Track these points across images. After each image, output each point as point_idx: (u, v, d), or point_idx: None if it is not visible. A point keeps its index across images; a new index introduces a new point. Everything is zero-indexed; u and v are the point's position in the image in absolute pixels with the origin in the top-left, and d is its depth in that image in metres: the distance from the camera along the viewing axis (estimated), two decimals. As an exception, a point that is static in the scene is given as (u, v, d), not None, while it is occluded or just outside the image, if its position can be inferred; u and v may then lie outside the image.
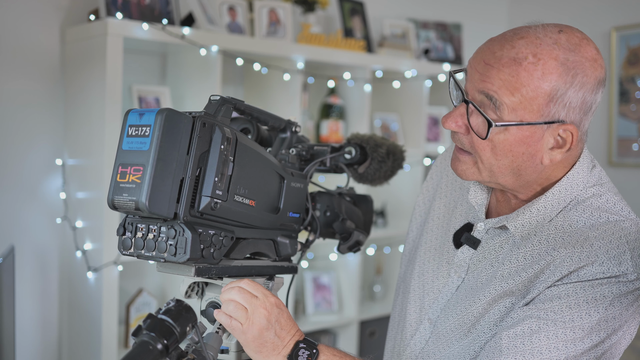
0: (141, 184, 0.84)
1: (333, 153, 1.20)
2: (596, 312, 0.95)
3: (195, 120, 0.89)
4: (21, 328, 2.39)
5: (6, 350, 1.88)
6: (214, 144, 0.90)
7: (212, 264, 0.95)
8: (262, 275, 1.07)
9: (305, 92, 2.86)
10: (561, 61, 0.95)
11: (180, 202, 0.87)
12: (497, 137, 0.98)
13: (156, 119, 0.85)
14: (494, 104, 0.96)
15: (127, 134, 0.88)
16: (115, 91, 2.18)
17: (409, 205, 3.31)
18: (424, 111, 3.20)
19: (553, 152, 1.00)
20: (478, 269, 1.11)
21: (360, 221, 1.25)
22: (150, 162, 0.84)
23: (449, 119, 1.02)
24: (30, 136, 2.43)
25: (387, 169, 1.25)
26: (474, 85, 0.99)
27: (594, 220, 1.01)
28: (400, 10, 3.49)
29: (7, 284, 1.90)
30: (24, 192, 2.43)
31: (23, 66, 2.39)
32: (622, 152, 3.31)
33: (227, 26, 2.58)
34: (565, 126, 0.97)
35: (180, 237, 0.88)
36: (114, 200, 0.87)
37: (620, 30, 3.33)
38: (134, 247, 0.91)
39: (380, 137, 1.26)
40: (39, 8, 2.42)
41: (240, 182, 0.95)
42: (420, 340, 1.16)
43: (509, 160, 1.00)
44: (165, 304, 0.92)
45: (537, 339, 0.95)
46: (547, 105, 0.95)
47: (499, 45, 0.97)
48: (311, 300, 3.02)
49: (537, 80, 0.94)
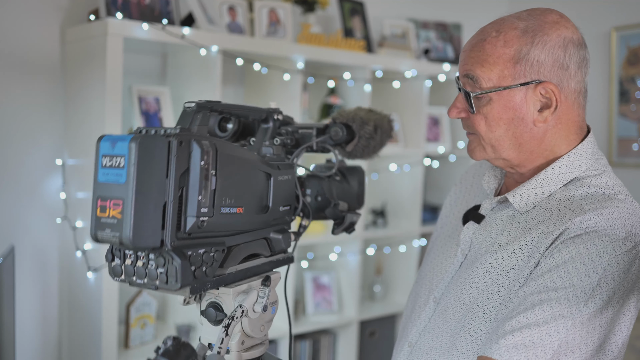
0: (122, 220, 0.80)
1: (319, 136, 1.17)
2: (595, 274, 0.96)
3: (170, 140, 0.84)
4: (21, 328, 2.39)
5: (6, 350, 1.88)
6: (193, 161, 0.86)
7: (206, 281, 0.93)
8: (259, 274, 1.05)
9: (305, 92, 2.86)
10: (521, 28, 1.06)
11: (166, 228, 0.84)
12: (485, 109, 1.08)
13: (130, 149, 0.80)
14: (472, 80, 1.08)
15: (101, 165, 0.83)
16: (115, 91, 2.18)
17: (409, 205, 3.31)
18: (424, 111, 3.20)
19: (543, 114, 1.07)
20: (479, 242, 1.16)
21: (352, 198, 1.23)
22: (129, 196, 0.80)
23: (450, 108, 1.14)
24: (30, 136, 2.43)
25: (375, 144, 1.23)
26: (460, 74, 1.12)
27: (590, 192, 1.06)
28: (400, 10, 3.49)
29: (7, 283, 1.90)
30: (24, 192, 2.43)
31: (23, 66, 2.39)
32: (622, 152, 3.31)
33: (227, 26, 2.58)
34: (543, 85, 1.05)
35: (170, 266, 0.85)
36: (97, 235, 0.83)
37: (620, 30, 3.33)
38: (125, 274, 0.89)
39: (366, 112, 1.23)
40: (39, 8, 2.42)
41: (225, 193, 0.91)
42: (425, 318, 1.20)
43: (503, 130, 1.08)
44: (163, 344, 0.90)
45: (540, 311, 0.96)
46: (514, 67, 1.05)
47: (473, 36, 1.12)
48: (311, 300, 3.02)
49: (500, 49, 1.05)
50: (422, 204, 3.36)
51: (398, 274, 3.38)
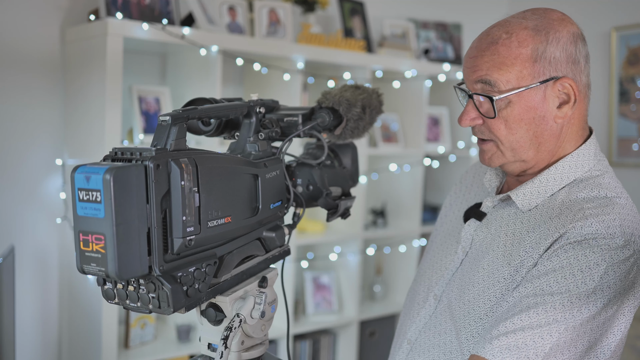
0: (106, 254, 0.78)
1: (305, 122, 1.12)
2: (592, 281, 0.96)
3: (147, 165, 0.81)
4: (21, 328, 2.39)
5: (6, 350, 1.88)
6: (173, 182, 0.83)
7: (200, 296, 0.91)
8: (255, 274, 1.04)
9: (305, 92, 2.86)
10: (531, 28, 1.05)
11: (152, 254, 0.82)
12: (505, 113, 1.07)
13: (104, 184, 0.77)
14: (490, 84, 1.06)
15: (78, 198, 0.79)
16: (115, 91, 2.18)
17: (409, 205, 3.31)
18: (424, 111, 3.20)
19: (563, 109, 1.07)
20: (480, 239, 1.15)
21: (345, 180, 1.20)
22: (110, 231, 0.77)
23: (462, 117, 1.12)
24: (30, 136, 2.43)
25: (365, 123, 1.17)
26: (470, 80, 1.10)
27: (592, 195, 1.06)
28: (400, 10, 3.49)
29: (7, 283, 1.90)
30: (24, 192, 2.43)
31: (23, 66, 2.39)
32: (622, 152, 3.31)
33: (227, 26, 2.58)
34: (561, 80, 1.06)
35: (161, 291, 0.83)
36: (83, 268, 0.82)
37: (620, 30, 3.33)
38: (118, 298, 0.87)
39: (352, 91, 1.17)
40: (39, 8, 2.42)
41: (210, 206, 0.88)
42: (425, 315, 1.19)
43: (524, 131, 1.07)
44: None
45: (535, 314, 0.96)
46: (533, 66, 1.05)
47: (478, 40, 1.10)
48: (311, 300, 3.02)
49: (515, 50, 1.05)
50: (422, 204, 3.36)
51: (398, 274, 3.38)
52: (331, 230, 3.03)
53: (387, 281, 3.43)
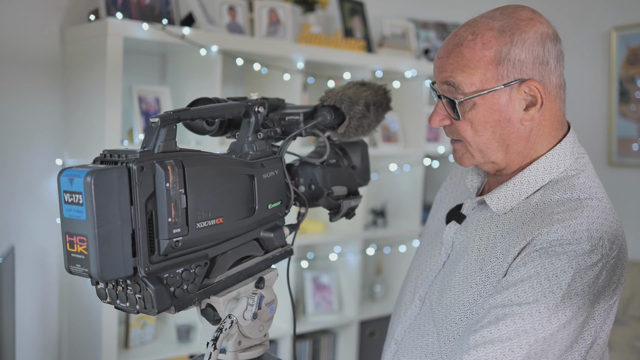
0: (89, 256, 0.79)
1: (307, 121, 1.10)
2: (559, 289, 0.96)
3: (130, 167, 0.80)
4: (21, 328, 2.39)
5: (6, 350, 1.88)
6: (158, 184, 0.82)
7: (191, 297, 0.90)
8: (253, 274, 1.03)
9: (305, 92, 2.86)
10: (497, 29, 1.04)
11: (137, 256, 0.82)
12: (470, 115, 1.06)
13: (85, 187, 0.77)
14: (454, 86, 1.05)
15: (64, 201, 0.81)
16: (115, 91, 2.18)
17: (409, 205, 3.31)
18: (424, 111, 3.20)
19: (529, 112, 1.05)
20: (460, 242, 1.15)
21: (352, 180, 1.17)
22: (91, 233, 0.78)
23: (432, 117, 1.12)
24: (30, 136, 2.43)
25: (369, 121, 1.15)
26: (438, 80, 1.09)
27: (565, 197, 1.04)
28: (400, 10, 3.49)
29: (7, 284, 1.90)
30: (24, 192, 2.43)
31: (23, 66, 2.40)
32: (622, 152, 3.31)
33: (227, 26, 2.58)
34: (526, 83, 1.03)
35: (145, 292, 0.84)
36: (70, 269, 0.83)
37: (620, 30, 3.33)
38: (109, 297, 0.88)
39: (356, 88, 1.15)
40: (39, 8, 2.42)
41: (199, 207, 0.88)
42: (410, 315, 1.19)
43: (490, 133, 1.06)
44: None
45: (504, 326, 0.96)
46: (496, 69, 1.03)
47: (447, 40, 1.10)
48: (311, 300, 3.02)
49: (479, 52, 1.03)
50: (422, 204, 3.36)
51: (398, 274, 3.38)
52: (331, 230, 3.03)
53: (387, 281, 3.43)
